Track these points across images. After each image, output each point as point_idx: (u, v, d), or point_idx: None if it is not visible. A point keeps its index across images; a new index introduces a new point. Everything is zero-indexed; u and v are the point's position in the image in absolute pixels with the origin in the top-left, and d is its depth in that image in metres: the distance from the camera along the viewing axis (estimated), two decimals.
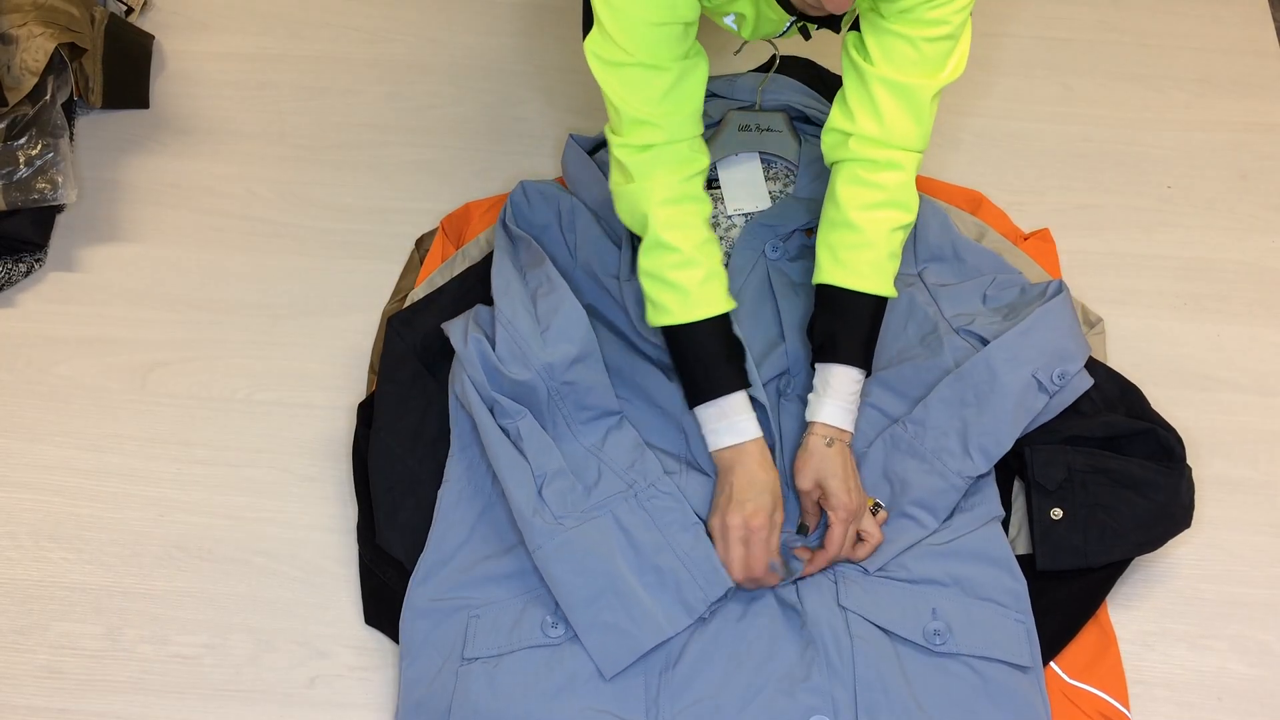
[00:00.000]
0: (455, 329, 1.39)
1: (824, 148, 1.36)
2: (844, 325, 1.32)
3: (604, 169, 1.54)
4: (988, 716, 1.23)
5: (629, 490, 1.33)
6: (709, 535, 1.30)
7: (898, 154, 1.30)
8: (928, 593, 1.29)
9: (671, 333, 1.31)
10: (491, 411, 1.34)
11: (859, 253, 1.31)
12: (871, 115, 1.29)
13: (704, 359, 1.30)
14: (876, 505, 1.33)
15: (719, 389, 1.29)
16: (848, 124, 1.31)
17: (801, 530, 1.34)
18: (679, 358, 1.32)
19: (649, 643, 1.24)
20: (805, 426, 1.34)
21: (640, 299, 1.42)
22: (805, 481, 1.31)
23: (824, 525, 1.33)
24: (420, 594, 1.31)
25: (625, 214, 1.34)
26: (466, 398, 1.35)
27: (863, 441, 1.38)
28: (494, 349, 1.36)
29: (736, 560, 1.27)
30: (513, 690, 1.23)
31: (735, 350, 1.32)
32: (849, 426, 1.32)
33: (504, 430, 1.34)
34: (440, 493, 1.37)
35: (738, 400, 1.30)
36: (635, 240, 1.47)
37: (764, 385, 1.42)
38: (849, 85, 1.32)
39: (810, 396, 1.34)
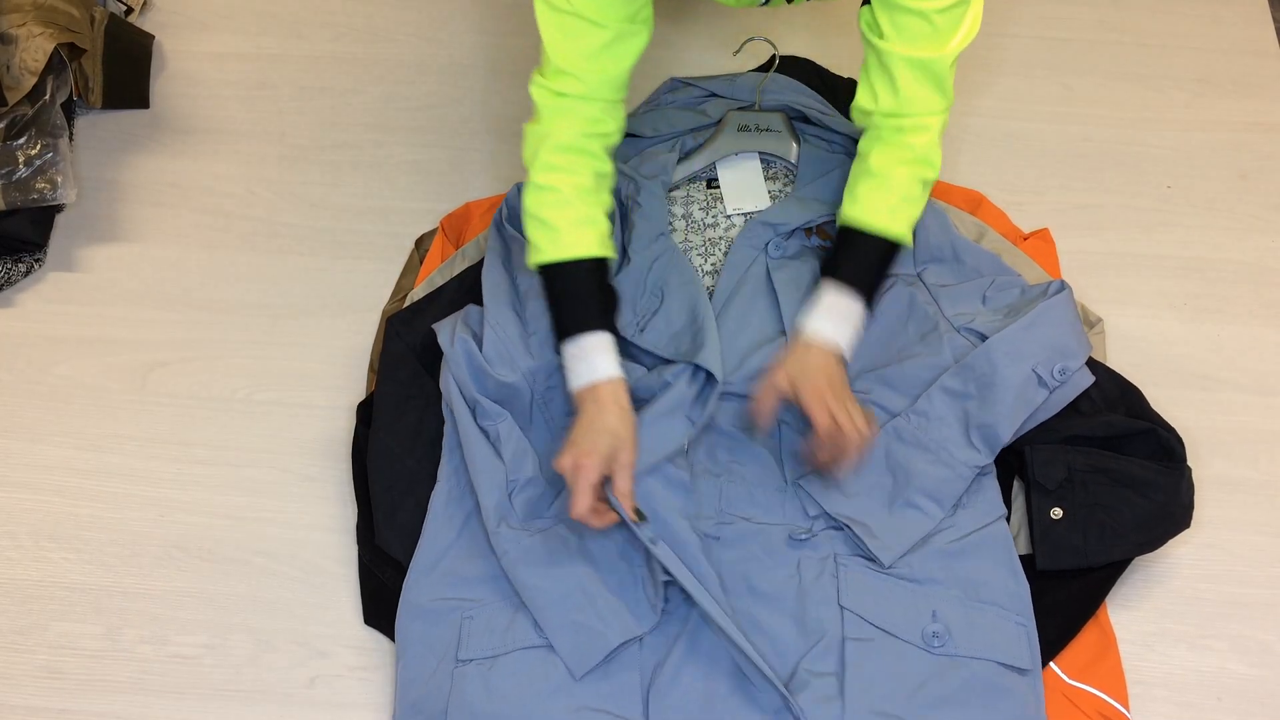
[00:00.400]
0: (444, 329, 1.40)
1: (852, 117, 1.42)
2: (849, 255, 1.34)
3: None
4: (985, 719, 1.22)
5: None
6: None
7: (924, 119, 1.33)
8: (929, 594, 1.29)
9: (545, 273, 1.32)
10: (473, 413, 1.35)
11: (876, 193, 1.34)
12: (891, 92, 1.32)
13: (571, 298, 1.30)
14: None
15: (580, 327, 1.29)
16: (870, 102, 1.35)
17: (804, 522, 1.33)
18: (549, 298, 1.33)
19: (617, 639, 1.24)
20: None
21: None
22: (780, 378, 1.30)
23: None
24: (413, 594, 1.31)
25: (526, 154, 1.34)
26: (450, 397, 1.36)
27: None
28: (481, 349, 1.36)
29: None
30: (508, 691, 1.23)
31: (606, 297, 1.32)
32: (838, 340, 1.31)
33: (484, 431, 1.34)
34: (433, 492, 1.37)
35: (598, 340, 1.29)
36: None
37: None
38: (869, 62, 1.35)
39: (799, 315, 1.35)
